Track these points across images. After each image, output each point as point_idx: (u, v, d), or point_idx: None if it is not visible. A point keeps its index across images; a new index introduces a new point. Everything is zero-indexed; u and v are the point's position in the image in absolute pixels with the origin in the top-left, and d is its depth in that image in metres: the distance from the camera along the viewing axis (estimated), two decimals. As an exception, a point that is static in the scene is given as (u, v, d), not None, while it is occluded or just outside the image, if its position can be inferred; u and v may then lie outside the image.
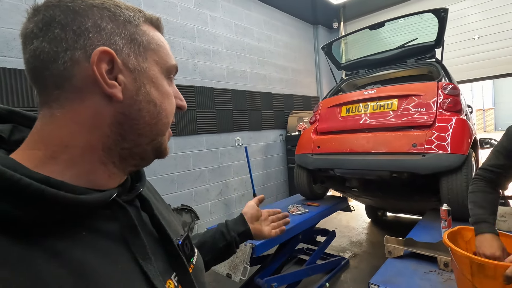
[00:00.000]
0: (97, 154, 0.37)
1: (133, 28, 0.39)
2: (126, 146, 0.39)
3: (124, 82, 0.37)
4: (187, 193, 3.21)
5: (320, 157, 2.51)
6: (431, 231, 1.79)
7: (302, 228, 2.24)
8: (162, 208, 0.53)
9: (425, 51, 2.71)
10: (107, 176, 0.39)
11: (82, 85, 0.35)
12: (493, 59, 4.10)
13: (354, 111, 2.47)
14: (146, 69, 0.40)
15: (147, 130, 0.40)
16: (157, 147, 0.43)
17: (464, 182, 1.85)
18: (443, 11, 2.35)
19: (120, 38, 0.37)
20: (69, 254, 0.31)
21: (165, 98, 0.42)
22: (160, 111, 0.41)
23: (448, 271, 1.31)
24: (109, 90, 0.36)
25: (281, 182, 4.59)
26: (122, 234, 0.38)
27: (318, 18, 5.23)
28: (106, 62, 0.36)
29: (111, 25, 0.37)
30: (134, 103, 0.38)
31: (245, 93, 3.97)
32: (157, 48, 0.42)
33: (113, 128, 0.38)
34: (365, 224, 3.94)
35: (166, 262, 0.43)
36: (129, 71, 0.38)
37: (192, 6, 3.32)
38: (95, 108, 0.36)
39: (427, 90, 2.18)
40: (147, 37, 0.41)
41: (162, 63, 0.42)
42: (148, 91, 0.40)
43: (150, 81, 0.40)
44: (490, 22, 4.04)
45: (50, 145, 0.35)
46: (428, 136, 1.98)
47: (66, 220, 0.33)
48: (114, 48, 0.37)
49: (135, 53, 0.39)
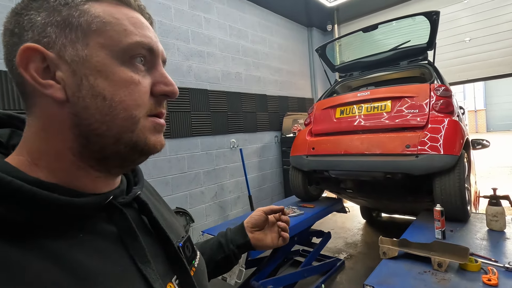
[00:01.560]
0: (70, 159, 0.35)
1: (67, 11, 0.33)
2: (94, 148, 0.35)
3: (63, 79, 0.33)
4: (182, 195, 3.18)
5: (315, 159, 2.52)
6: (425, 231, 1.81)
7: (297, 230, 2.24)
8: (163, 210, 0.52)
9: (418, 53, 2.74)
10: (91, 181, 0.37)
11: (30, 90, 0.34)
12: (484, 61, 4.16)
13: (349, 113, 2.49)
14: (87, 57, 0.33)
15: (104, 129, 0.35)
16: (132, 144, 0.37)
17: (457, 183, 1.87)
18: (434, 14, 2.38)
19: (53, 28, 0.32)
20: (66, 256, 0.31)
21: (120, 88, 0.35)
22: (113, 105, 0.34)
23: (442, 271, 1.32)
24: (45, 91, 0.32)
25: (276, 184, 4.59)
26: (120, 237, 0.37)
27: (312, 20, 5.26)
28: (37, 60, 0.32)
29: (42, 15, 0.33)
30: (78, 101, 0.33)
31: (240, 95, 3.97)
32: (102, 27, 0.34)
33: (74, 131, 0.34)
34: (360, 225, 3.96)
35: (167, 265, 0.42)
36: (67, 64, 0.33)
37: (186, 8, 3.32)
38: (48, 111, 0.34)
39: (420, 91, 2.21)
40: (86, 16, 0.33)
41: (112, 44, 0.34)
42: (92, 84, 0.33)
43: (94, 70, 0.34)
44: (480, 25, 4.11)
45: (30, 152, 0.35)
46: (421, 137, 2.00)
47: (62, 223, 0.33)
48: (46, 41, 0.32)
49: (72, 41, 0.33)
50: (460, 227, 1.86)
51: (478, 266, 1.31)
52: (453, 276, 1.28)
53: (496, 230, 1.75)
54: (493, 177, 6.74)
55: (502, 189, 1.90)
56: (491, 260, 1.37)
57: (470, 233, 1.76)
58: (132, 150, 0.38)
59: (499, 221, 1.75)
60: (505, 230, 1.73)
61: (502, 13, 3.94)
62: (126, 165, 0.41)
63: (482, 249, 1.52)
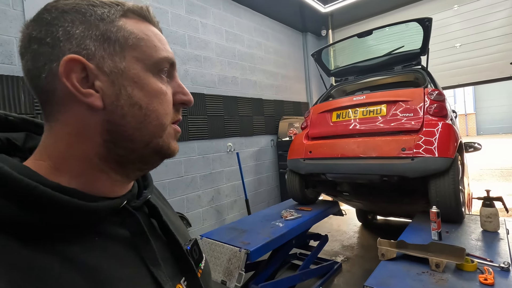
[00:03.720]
0: (95, 163, 0.37)
1: (106, 26, 0.36)
2: (121, 153, 0.38)
3: (102, 88, 0.35)
4: (179, 200, 3.17)
5: (312, 162, 2.54)
6: (421, 233, 1.84)
7: (295, 233, 2.25)
8: (170, 214, 0.53)
9: (411, 58, 2.81)
10: (110, 184, 0.39)
11: (65, 97, 0.35)
12: (474, 66, 4.27)
13: (345, 117, 2.52)
14: (125, 69, 0.36)
15: (137, 135, 0.37)
16: (158, 149, 0.40)
17: (452, 185, 1.91)
18: (427, 21, 2.44)
19: (92, 41, 0.35)
20: (82, 259, 0.32)
21: (153, 98, 0.38)
22: (148, 113, 0.38)
23: (440, 272, 1.34)
24: (86, 99, 0.34)
25: (272, 187, 4.60)
26: (132, 240, 0.38)
27: (306, 25, 5.33)
28: (78, 71, 0.34)
29: (81, 28, 0.35)
30: (116, 109, 0.36)
31: (236, 99, 3.99)
32: (136, 42, 0.37)
33: (104, 136, 0.36)
34: (356, 227, 3.98)
35: (175, 267, 0.44)
36: (106, 75, 0.35)
37: (183, 13, 3.34)
38: (82, 118, 0.35)
39: (414, 96, 2.25)
40: (123, 32, 0.37)
41: (146, 58, 0.38)
42: (130, 94, 0.36)
43: (132, 82, 0.37)
44: (470, 31, 4.23)
45: (52, 157, 0.36)
46: (416, 141, 2.04)
47: (78, 226, 0.34)
48: (86, 53, 0.34)
49: (110, 54, 0.36)
50: (455, 228, 1.90)
51: (475, 266, 1.34)
52: (451, 276, 1.31)
53: (490, 231, 1.79)
54: (484, 179, 6.87)
55: (493, 190, 1.95)
56: (486, 260, 1.41)
57: (465, 234, 1.80)
58: (156, 154, 0.41)
59: (493, 222, 1.79)
60: (498, 231, 1.78)
61: (491, 20, 4.06)
62: (145, 169, 0.43)
63: (477, 250, 1.55)
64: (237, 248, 1.82)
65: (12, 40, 2.11)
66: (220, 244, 1.93)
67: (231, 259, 1.81)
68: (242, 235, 2.07)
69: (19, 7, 2.14)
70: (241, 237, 2.04)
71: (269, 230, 2.15)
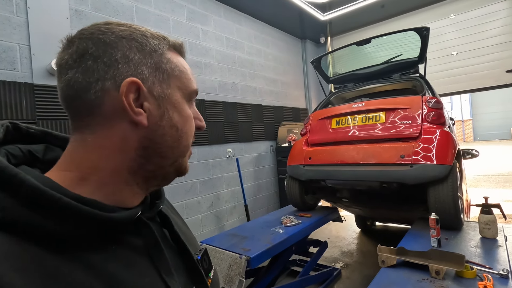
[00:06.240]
0: (124, 176, 0.39)
1: (158, 57, 0.41)
2: (150, 168, 0.41)
3: (149, 109, 0.39)
4: (179, 205, 3.17)
5: (312, 168, 2.55)
6: (421, 239, 1.85)
7: (295, 239, 2.25)
8: (180, 223, 0.55)
9: (409, 66, 2.85)
10: (131, 196, 0.41)
11: (111, 113, 0.38)
12: (470, 74, 4.33)
13: (344, 124, 2.55)
14: (169, 95, 0.41)
15: (170, 152, 0.42)
16: (178, 167, 0.45)
17: (450, 192, 1.93)
18: (425, 30, 2.49)
19: (146, 68, 0.39)
20: (102, 267, 0.33)
21: (186, 121, 0.44)
22: (181, 135, 0.43)
23: (440, 279, 1.35)
24: (136, 118, 0.38)
25: (272, 193, 4.60)
26: (147, 249, 0.40)
27: (306, 33, 5.40)
28: (133, 91, 0.38)
29: (138, 55, 0.39)
30: (158, 128, 0.40)
31: (236, 105, 4.02)
32: (180, 74, 0.44)
33: (139, 152, 0.39)
34: (355, 234, 3.99)
35: (187, 276, 0.45)
36: (154, 98, 0.40)
37: (184, 20, 3.38)
38: (123, 133, 0.38)
39: (413, 103, 2.29)
40: (171, 64, 0.42)
41: (184, 88, 0.44)
42: (171, 116, 0.41)
43: (173, 106, 0.42)
44: (467, 39, 4.30)
45: (81, 168, 0.37)
46: (415, 148, 2.06)
47: (98, 235, 0.35)
48: (141, 77, 0.39)
49: (160, 81, 0.41)
50: (454, 235, 1.91)
51: (474, 273, 1.35)
52: (451, 283, 1.32)
53: (488, 237, 1.81)
54: (482, 186, 6.91)
55: (491, 197, 1.97)
56: (485, 267, 1.42)
57: (464, 241, 1.81)
58: (176, 172, 0.45)
59: (492, 229, 1.81)
60: (497, 238, 1.79)
61: (487, 29, 4.13)
62: (163, 184, 0.46)
63: (476, 257, 1.56)
64: (238, 255, 1.82)
65: (15, 46, 2.12)
66: (221, 250, 1.94)
67: (231, 265, 1.81)
68: (243, 242, 2.07)
69: (23, 14, 2.16)
70: (241, 243, 2.04)
71: (269, 236, 2.15)
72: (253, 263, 1.79)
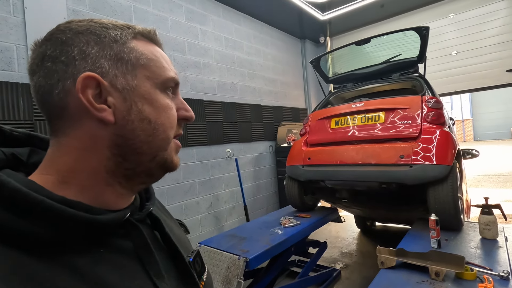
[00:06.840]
0: (102, 177, 0.38)
1: (119, 47, 0.38)
2: (128, 166, 0.39)
3: (114, 104, 0.37)
4: (177, 206, 3.15)
5: (311, 169, 2.54)
6: (420, 241, 1.84)
7: (295, 240, 2.24)
8: (172, 225, 0.54)
9: (409, 66, 2.84)
10: (115, 197, 0.40)
11: (77, 112, 0.36)
12: (470, 74, 4.32)
13: (343, 124, 2.54)
14: (136, 86, 0.39)
15: (146, 148, 0.40)
16: (162, 162, 0.42)
17: (450, 192, 1.91)
18: (424, 29, 2.48)
19: (106, 60, 0.37)
20: (89, 270, 0.32)
21: (161, 113, 0.41)
22: (156, 127, 0.40)
23: (440, 281, 1.34)
24: (99, 114, 0.36)
25: (271, 193, 4.59)
26: (136, 252, 0.39)
27: (305, 32, 5.39)
28: (93, 87, 0.36)
29: (96, 48, 0.37)
30: (127, 123, 0.38)
31: (235, 105, 4.00)
32: (147, 63, 0.40)
33: (113, 150, 0.38)
34: (355, 234, 3.97)
35: (178, 278, 0.44)
36: (118, 92, 0.38)
37: (183, 20, 3.37)
38: (92, 133, 0.37)
39: (412, 103, 2.27)
40: (135, 53, 0.40)
41: (155, 77, 0.41)
42: (141, 109, 0.39)
43: (142, 98, 0.39)
44: (467, 39, 4.28)
45: (60, 171, 0.36)
46: (414, 148, 2.05)
47: (84, 238, 0.34)
48: (100, 71, 0.36)
49: (123, 72, 0.38)
50: (454, 236, 1.90)
51: (474, 274, 1.34)
52: (450, 285, 1.31)
53: (489, 238, 1.80)
54: (482, 186, 6.90)
55: (491, 197, 1.96)
56: (486, 268, 1.40)
57: (464, 242, 1.80)
58: (161, 168, 0.43)
59: (492, 230, 1.79)
60: (497, 239, 1.78)
61: (486, 28, 4.12)
62: (149, 182, 0.44)
63: (476, 258, 1.55)
64: (236, 256, 1.81)
65: (12, 47, 2.11)
66: (219, 251, 1.92)
67: (230, 267, 1.80)
68: (241, 243, 2.06)
69: (20, 15, 2.15)
70: (240, 244, 2.03)
71: (268, 237, 2.14)
72: (251, 264, 1.78)
